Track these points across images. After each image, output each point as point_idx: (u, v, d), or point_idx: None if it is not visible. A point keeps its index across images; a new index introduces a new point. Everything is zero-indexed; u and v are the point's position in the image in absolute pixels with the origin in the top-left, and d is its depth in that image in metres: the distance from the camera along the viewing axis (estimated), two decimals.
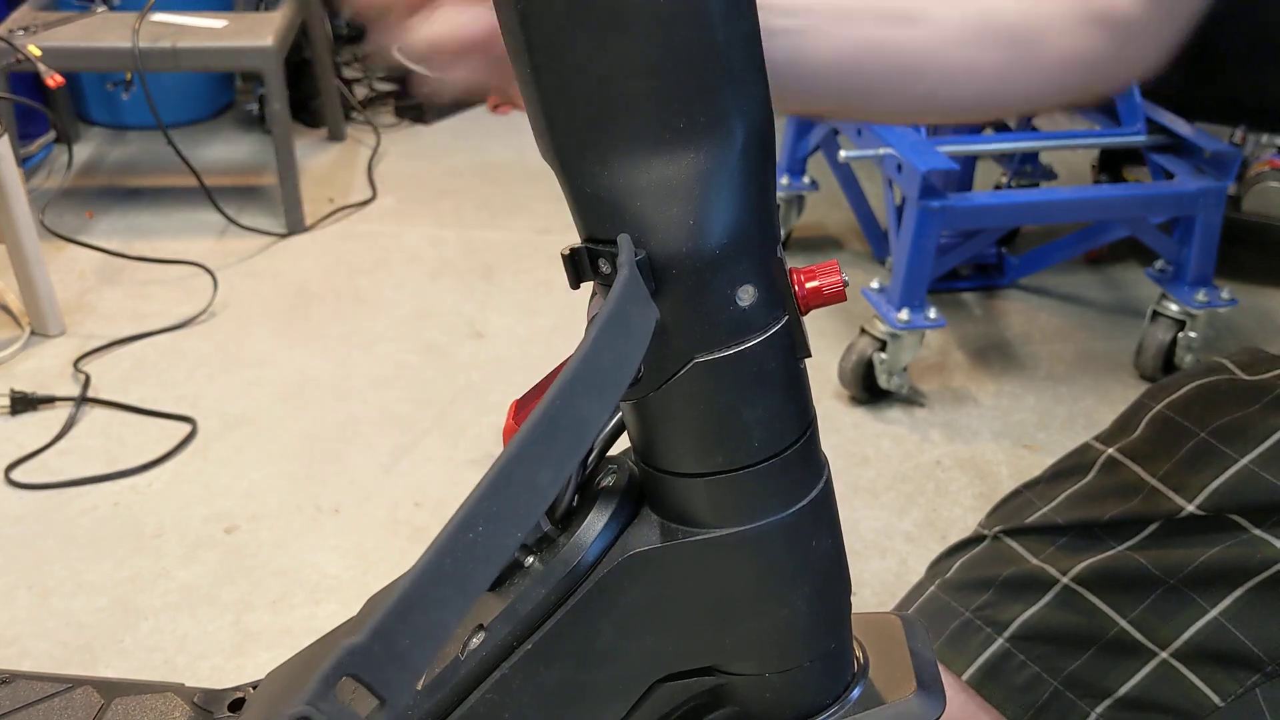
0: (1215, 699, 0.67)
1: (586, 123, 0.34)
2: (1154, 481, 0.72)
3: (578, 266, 0.36)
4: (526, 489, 0.28)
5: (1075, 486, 0.76)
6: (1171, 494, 0.71)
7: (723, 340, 0.35)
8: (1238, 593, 0.68)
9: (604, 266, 0.35)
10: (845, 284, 0.38)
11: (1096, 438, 0.79)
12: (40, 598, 1.57)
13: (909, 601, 0.80)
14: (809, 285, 0.38)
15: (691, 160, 0.33)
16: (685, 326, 0.35)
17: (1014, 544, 0.76)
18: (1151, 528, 0.71)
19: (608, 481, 0.41)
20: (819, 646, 0.41)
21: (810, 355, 0.38)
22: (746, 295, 0.35)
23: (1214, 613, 0.68)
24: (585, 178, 0.34)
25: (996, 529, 0.78)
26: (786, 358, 0.37)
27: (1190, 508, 0.70)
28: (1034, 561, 0.74)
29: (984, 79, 0.55)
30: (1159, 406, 0.76)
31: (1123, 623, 0.70)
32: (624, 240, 0.34)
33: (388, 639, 0.25)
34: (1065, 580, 0.72)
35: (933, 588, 0.79)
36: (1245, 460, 0.69)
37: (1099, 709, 0.70)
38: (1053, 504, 0.76)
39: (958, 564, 0.79)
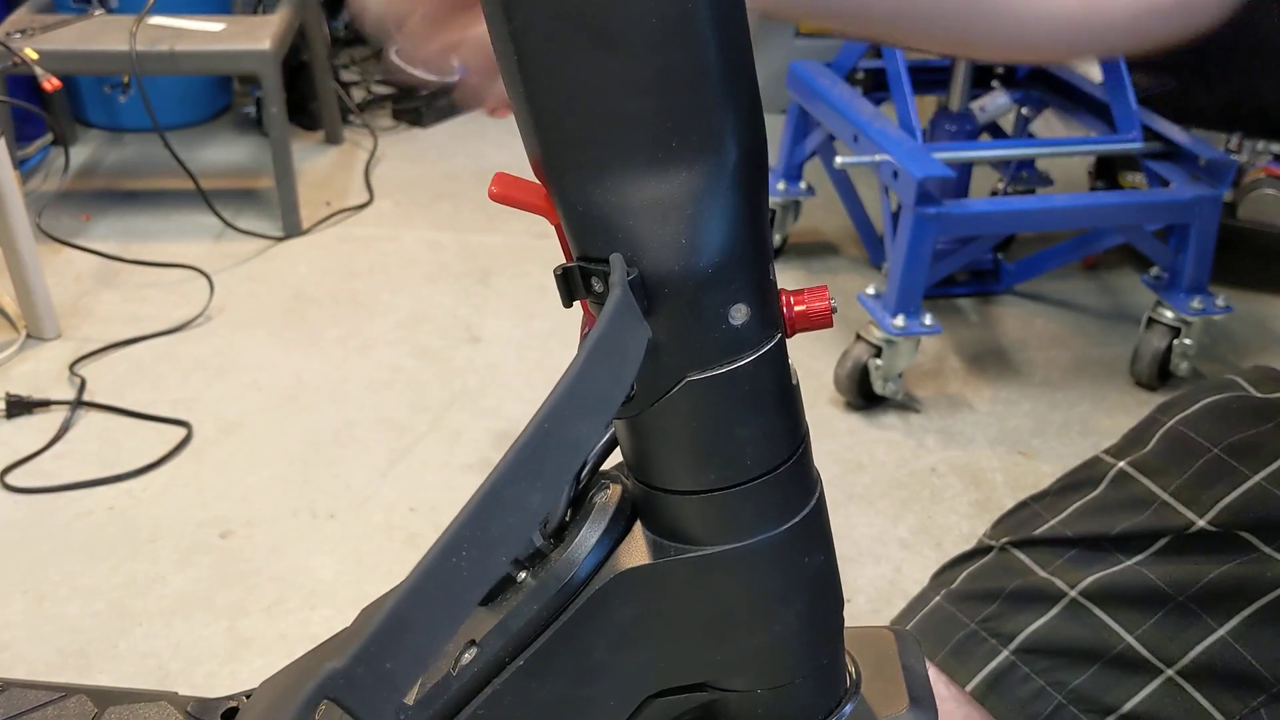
0: (1220, 719, 0.67)
1: (579, 142, 0.34)
2: (1165, 496, 0.72)
3: (570, 285, 0.36)
4: (516, 510, 0.28)
5: (1084, 499, 0.76)
6: (1183, 509, 0.71)
7: (715, 359, 0.35)
8: (1246, 612, 0.67)
9: (597, 285, 0.35)
10: (834, 310, 0.38)
11: (1107, 451, 0.79)
12: (35, 602, 1.57)
13: (912, 612, 0.80)
14: (796, 309, 0.38)
15: (684, 179, 0.34)
16: (678, 345, 0.35)
17: (1021, 555, 0.76)
18: (1161, 542, 0.71)
19: (601, 496, 0.41)
20: (811, 662, 0.41)
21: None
22: (739, 314, 0.35)
23: (1222, 632, 0.68)
24: (578, 196, 0.34)
25: (1004, 540, 0.78)
26: (779, 376, 0.37)
27: (1201, 523, 0.69)
28: (1041, 574, 0.74)
29: (1062, 21, 0.55)
30: (1172, 421, 0.76)
31: (1129, 639, 0.70)
32: (616, 259, 0.34)
33: (370, 663, 0.25)
34: (1073, 594, 0.72)
35: (937, 598, 0.78)
36: (1258, 477, 0.69)
37: None
38: (1061, 516, 0.76)
39: (964, 575, 0.78)
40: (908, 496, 1.81)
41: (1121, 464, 0.76)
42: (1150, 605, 0.70)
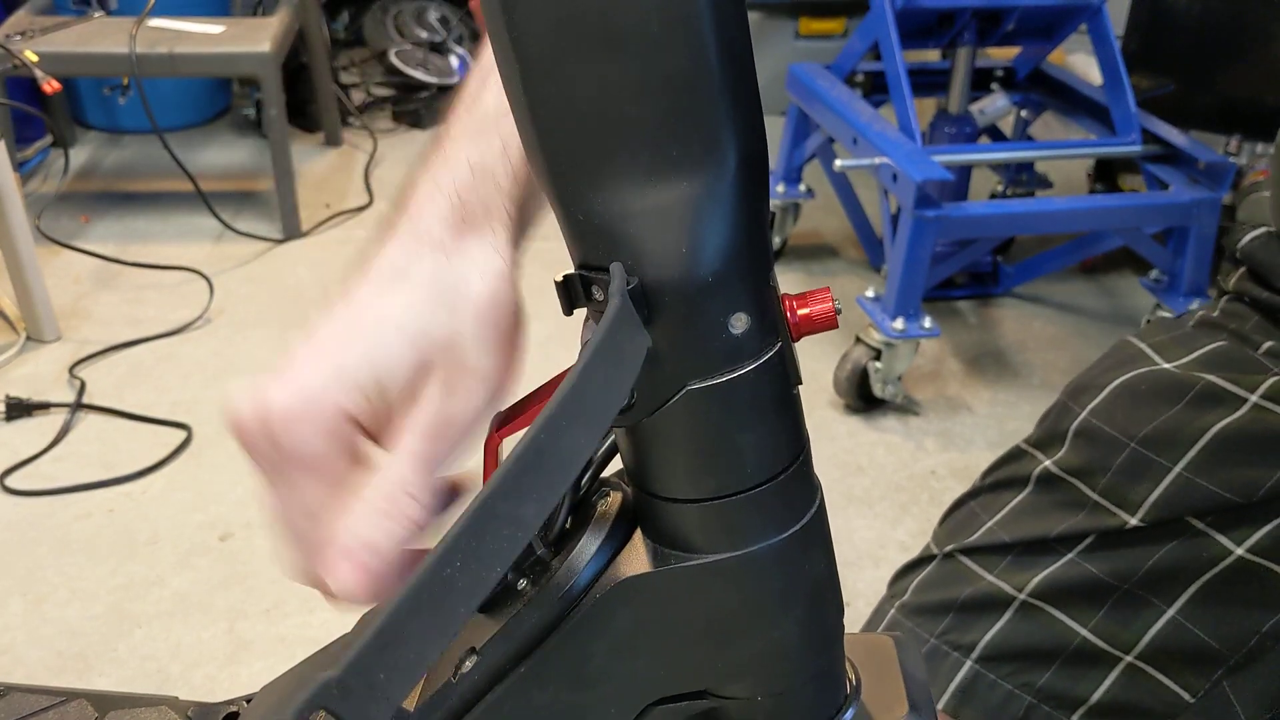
0: (1185, 696, 0.69)
1: (579, 149, 0.34)
2: (1095, 496, 0.73)
3: (570, 293, 0.36)
4: (509, 523, 0.28)
5: (1016, 500, 0.77)
6: (1114, 509, 0.72)
7: (715, 367, 0.35)
8: (1190, 590, 0.69)
9: (597, 293, 0.35)
10: (838, 311, 0.38)
11: (1028, 440, 0.79)
12: (34, 605, 1.57)
13: (873, 624, 0.80)
14: (801, 312, 0.38)
15: (684, 188, 0.34)
16: (678, 354, 0.35)
17: (966, 561, 0.77)
18: (1093, 537, 0.73)
19: (602, 504, 0.41)
20: (811, 669, 0.41)
21: (801, 383, 0.38)
22: (739, 323, 0.35)
23: (1171, 612, 0.69)
24: (578, 204, 0.34)
25: (948, 547, 0.78)
26: (779, 384, 0.37)
27: (1134, 521, 0.71)
28: (988, 578, 0.75)
29: None
30: (1083, 413, 0.76)
31: (1084, 632, 0.71)
32: (616, 268, 0.34)
33: (363, 673, 0.26)
34: (1022, 596, 0.73)
35: (892, 611, 0.79)
36: (1178, 468, 0.70)
37: (1074, 718, 0.71)
38: (997, 517, 0.77)
39: (914, 585, 0.79)
40: (907, 499, 1.81)
41: (1046, 464, 0.76)
42: (1097, 597, 0.71)
